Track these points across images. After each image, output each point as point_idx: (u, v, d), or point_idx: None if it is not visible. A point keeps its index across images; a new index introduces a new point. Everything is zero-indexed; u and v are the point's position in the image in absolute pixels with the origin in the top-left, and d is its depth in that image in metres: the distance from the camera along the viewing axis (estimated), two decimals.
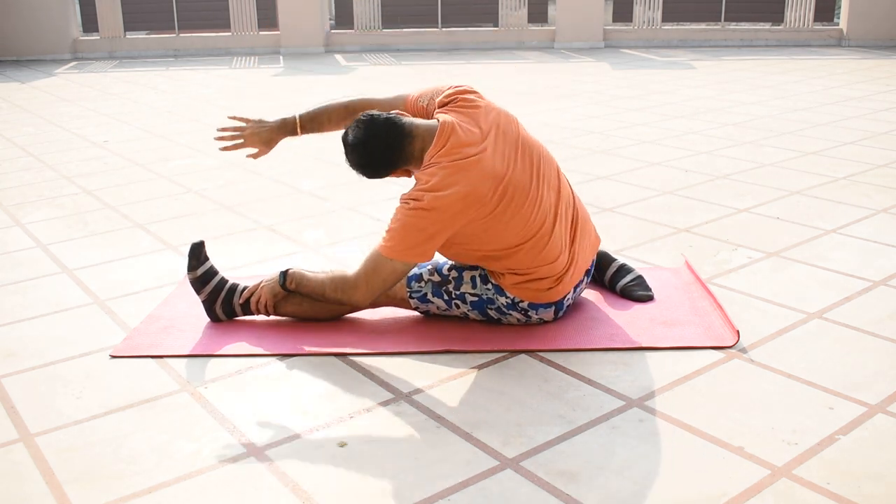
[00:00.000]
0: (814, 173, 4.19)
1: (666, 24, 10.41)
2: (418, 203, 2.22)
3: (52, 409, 2.12)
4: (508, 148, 2.33)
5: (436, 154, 2.26)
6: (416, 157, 2.30)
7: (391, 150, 2.29)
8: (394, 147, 2.29)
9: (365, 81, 7.98)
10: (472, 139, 2.28)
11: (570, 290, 2.46)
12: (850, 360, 2.25)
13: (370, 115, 2.32)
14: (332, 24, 11.33)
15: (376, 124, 2.30)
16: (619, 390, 2.12)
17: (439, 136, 2.27)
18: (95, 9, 10.35)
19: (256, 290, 2.53)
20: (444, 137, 2.27)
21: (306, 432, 1.98)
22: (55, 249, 3.36)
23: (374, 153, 2.31)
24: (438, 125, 2.29)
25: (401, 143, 2.29)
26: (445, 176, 2.22)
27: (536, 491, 1.73)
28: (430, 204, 2.20)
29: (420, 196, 2.22)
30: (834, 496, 1.68)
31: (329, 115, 2.65)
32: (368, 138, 2.29)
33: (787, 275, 2.86)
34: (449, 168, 2.23)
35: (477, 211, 2.24)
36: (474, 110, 2.37)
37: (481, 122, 2.33)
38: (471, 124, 2.32)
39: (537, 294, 2.40)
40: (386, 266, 2.28)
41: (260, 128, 2.70)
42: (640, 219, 3.52)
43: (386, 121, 2.30)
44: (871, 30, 9.84)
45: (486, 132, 2.31)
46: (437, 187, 2.21)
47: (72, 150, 5.24)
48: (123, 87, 8.01)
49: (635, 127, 5.47)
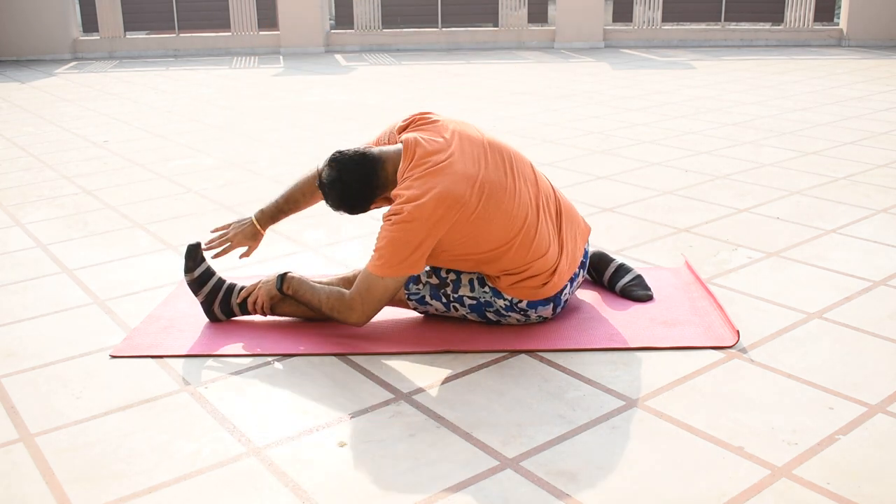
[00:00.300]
0: (814, 173, 4.19)
1: (666, 24, 10.41)
2: (400, 217, 2.24)
3: (52, 409, 2.12)
4: (476, 149, 2.36)
5: (406, 169, 2.30)
6: (391, 180, 2.34)
7: (367, 178, 2.33)
8: (369, 175, 2.32)
9: (365, 81, 7.99)
10: (438, 147, 2.32)
11: (565, 282, 2.46)
12: (850, 360, 2.25)
13: (339, 152, 2.36)
14: (332, 24, 11.32)
15: (346, 159, 2.33)
16: (619, 390, 2.12)
17: (406, 152, 2.32)
18: (95, 9, 10.35)
19: (254, 291, 2.53)
20: (411, 152, 2.31)
21: (306, 432, 1.98)
22: (55, 249, 3.36)
23: (352, 187, 2.34)
24: (403, 145, 2.34)
25: (374, 169, 2.32)
26: (420, 185, 2.25)
27: (536, 491, 1.73)
28: (412, 215, 2.22)
29: (400, 210, 2.24)
30: (834, 496, 1.68)
31: (303, 191, 2.65)
32: (342, 173, 2.32)
33: (787, 275, 2.86)
34: (422, 177, 2.26)
35: (458, 213, 2.25)
36: (433, 124, 2.42)
37: (443, 132, 2.38)
38: (433, 135, 2.36)
39: (534, 291, 2.40)
40: (378, 285, 2.31)
41: (241, 226, 2.73)
42: (640, 219, 3.52)
43: (355, 154, 2.34)
44: (871, 30, 9.84)
45: (450, 139, 2.35)
46: (414, 197, 2.23)
47: (72, 150, 5.24)
48: (123, 87, 8.01)
49: (635, 127, 5.47)
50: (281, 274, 2.48)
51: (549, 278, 2.41)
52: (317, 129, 5.74)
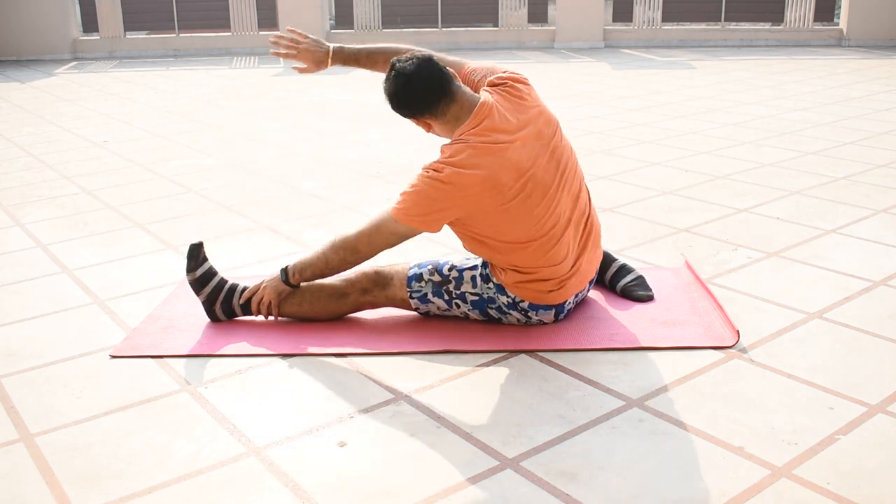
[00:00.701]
0: (814, 173, 4.19)
1: (666, 24, 10.41)
2: (438, 174, 2.23)
3: (52, 409, 2.12)
4: (539, 146, 2.33)
5: (467, 131, 2.28)
6: (445, 117, 2.32)
7: (428, 95, 2.29)
8: (432, 95, 2.29)
9: (365, 81, 7.98)
10: (506, 127, 2.29)
11: (570, 296, 2.46)
12: (850, 360, 2.25)
13: (430, 56, 2.35)
14: (332, 24, 11.32)
15: (429, 67, 2.30)
16: (619, 390, 2.12)
17: (476, 115, 2.29)
18: (95, 9, 10.35)
19: (258, 291, 2.53)
20: (480, 117, 2.29)
21: (306, 432, 1.98)
22: (55, 249, 3.36)
23: (413, 89, 2.30)
24: (479, 102, 2.31)
25: (440, 96, 2.29)
26: (471, 155, 2.24)
27: (536, 491, 1.73)
28: (450, 178, 2.22)
29: (441, 168, 2.24)
30: (834, 496, 1.68)
31: (386, 57, 2.60)
32: (415, 74, 2.29)
33: (787, 275, 2.86)
34: (477, 148, 2.24)
35: (493, 199, 2.25)
36: (518, 101, 2.37)
37: (520, 114, 2.34)
38: (510, 112, 2.33)
39: (538, 295, 2.40)
40: (390, 227, 2.30)
41: (317, 47, 2.72)
42: (640, 219, 3.52)
43: (439, 70, 2.31)
44: (871, 30, 9.84)
45: (522, 125, 2.32)
46: (460, 164, 2.23)
47: (72, 150, 5.24)
48: (123, 87, 8.01)
49: (635, 127, 5.47)
50: (282, 269, 2.48)
51: (556, 287, 2.40)
52: (317, 129, 5.74)
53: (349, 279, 2.52)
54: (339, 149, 5.08)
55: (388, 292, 2.50)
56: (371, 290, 2.50)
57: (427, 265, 2.51)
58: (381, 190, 4.09)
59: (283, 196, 4.06)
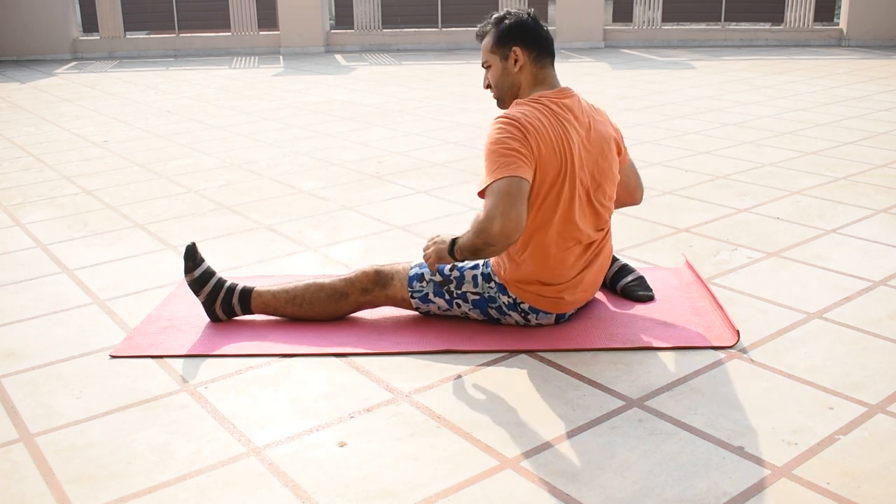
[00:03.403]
0: (814, 173, 4.19)
1: (666, 24, 10.41)
2: (505, 119, 2.29)
3: (52, 409, 2.12)
4: (594, 157, 2.40)
5: (545, 95, 2.38)
6: (532, 69, 2.40)
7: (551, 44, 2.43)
8: (552, 47, 2.43)
9: (365, 81, 7.99)
10: (579, 116, 2.39)
11: (570, 310, 2.49)
12: (850, 360, 2.25)
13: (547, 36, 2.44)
14: (332, 23, 11.33)
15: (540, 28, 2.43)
16: (619, 390, 2.12)
17: (561, 90, 2.40)
18: (95, 9, 10.36)
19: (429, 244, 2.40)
20: (564, 94, 2.39)
21: (306, 432, 1.98)
22: (55, 249, 3.36)
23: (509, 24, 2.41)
24: (529, 99, 2.38)
25: (553, 54, 2.43)
26: (537, 109, 2.32)
27: (536, 491, 1.73)
28: (514, 116, 2.28)
29: (507, 114, 2.31)
30: (834, 496, 1.68)
31: None
32: (528, 19, 2.42)
33: (787, 275, 2.86)
34: (546, 107, 2.34)
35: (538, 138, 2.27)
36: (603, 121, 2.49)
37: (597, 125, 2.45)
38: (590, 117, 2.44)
39: (539, 300, 2.40)
40: (500, 187, 2.20)
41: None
42: (640, 219, 3.52)
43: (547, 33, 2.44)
44: (871, 30, 9.84)
45: (590, 130, 2.41)
46: (523, 112, 2.30)
47: (72, 150, 5.24)
48: (123, 87, 8.01)
49: (635, 127, 5.47)
50: (452, 239, 2.33)
51: (555, 294, 2.41)
52: (317, 129, 5.74)
53: (349, 279, 2.52)
54: (339, 149, 5.08)
55: (389, 292, 2.50)
56: (371, 289, 2.50)
57: (427, 266, 2.50)
58: (381, 190, 4.09)
59: (282, 196, 4.06)
